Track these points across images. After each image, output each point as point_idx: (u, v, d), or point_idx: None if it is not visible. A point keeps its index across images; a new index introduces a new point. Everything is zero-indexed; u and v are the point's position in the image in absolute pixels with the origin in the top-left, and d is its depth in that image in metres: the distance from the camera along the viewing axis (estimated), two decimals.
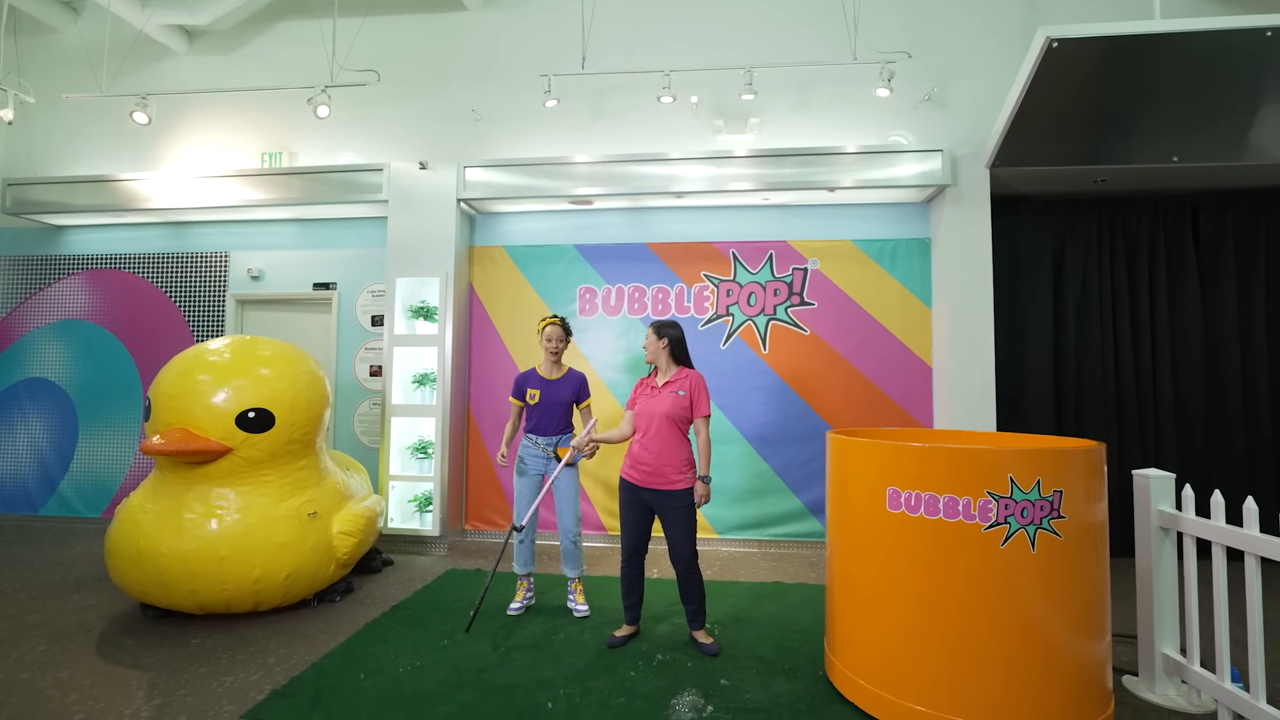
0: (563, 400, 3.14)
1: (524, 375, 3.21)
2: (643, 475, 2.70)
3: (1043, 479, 1.94)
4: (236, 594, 2.88)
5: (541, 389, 3.14)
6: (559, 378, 3.19)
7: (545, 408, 3.11)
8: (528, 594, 3.18)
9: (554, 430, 3.14)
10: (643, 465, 2.70)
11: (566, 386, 3.18)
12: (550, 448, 3.11)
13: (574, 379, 3.21)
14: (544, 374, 3.18)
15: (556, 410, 3.13)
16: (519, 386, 3.18)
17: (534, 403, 3.12)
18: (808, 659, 2.63)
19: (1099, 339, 4.34)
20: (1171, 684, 2.33)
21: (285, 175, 4.64)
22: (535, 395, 3.13)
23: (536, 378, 3.17)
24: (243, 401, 2.95)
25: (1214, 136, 3.82)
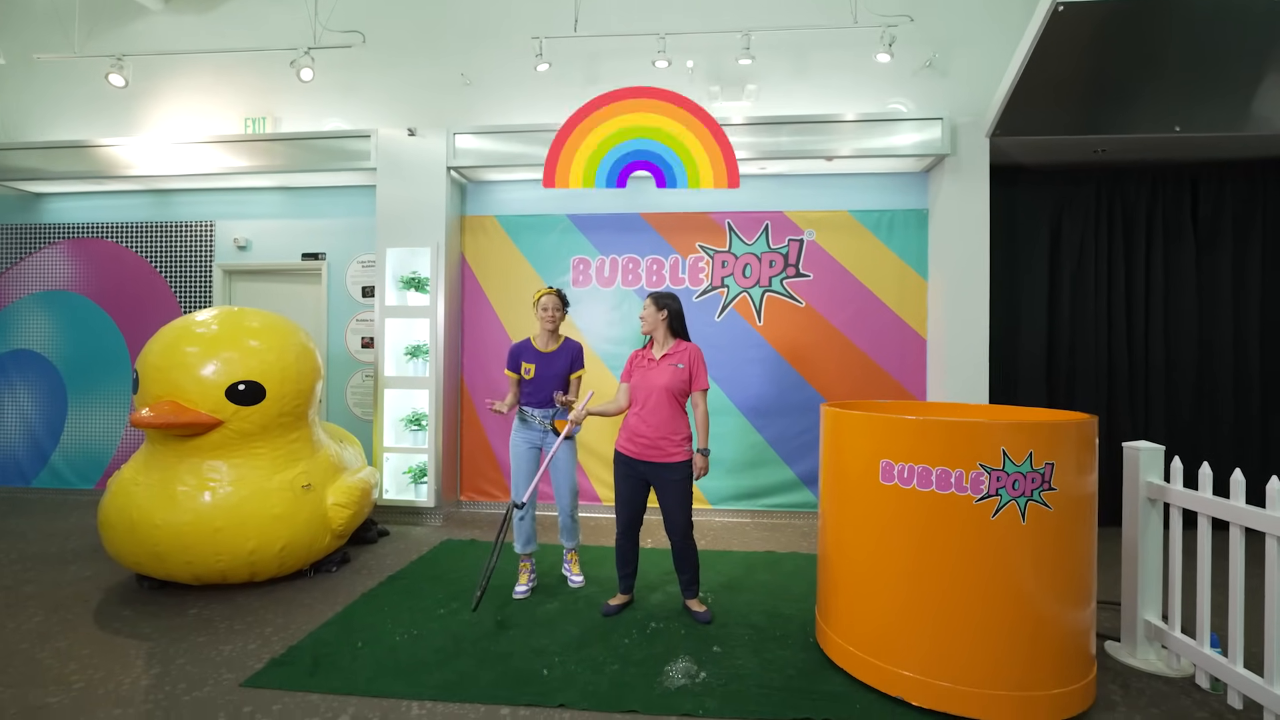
0: (559, 373, 3.07)
1: (519, 347, 3.10)
2: (640, 448, 2.70)
3: (1035, 451, 1.95)
4: (232, 565, 2.89)
5: (537, 363, 3.06)
6: (555, 349, 3.10)
7: (541, 382, 3.04)
8: (531, 575, 3.09)
9: (551, 403, 3.08)
10: (640, 438, 2.70)
11: (562, 358, 3.10)
12: (547, 420, 3.06)
13: (570, 349, 3.13)
14: (539, 346, 3.09)
15: (553, 383, 3.06)
16: (514, 359, 3.08)
17: (529, 377, 3.04)
18: (799, 627, 2.68)
19: (1093, 311, 4.34)
20: (1152, 649, 2.39)
21: (269, 141, 4.51)
22: (530, 370, 3.04)
23: (531, 350, 3.08)
24: (232, 374, 2.91)
25: (1218, 106, 3.76)
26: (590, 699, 2.13)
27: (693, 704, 2.10)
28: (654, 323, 2.77)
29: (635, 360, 2.82)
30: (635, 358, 2.83)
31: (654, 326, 2.77)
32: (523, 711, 2.07)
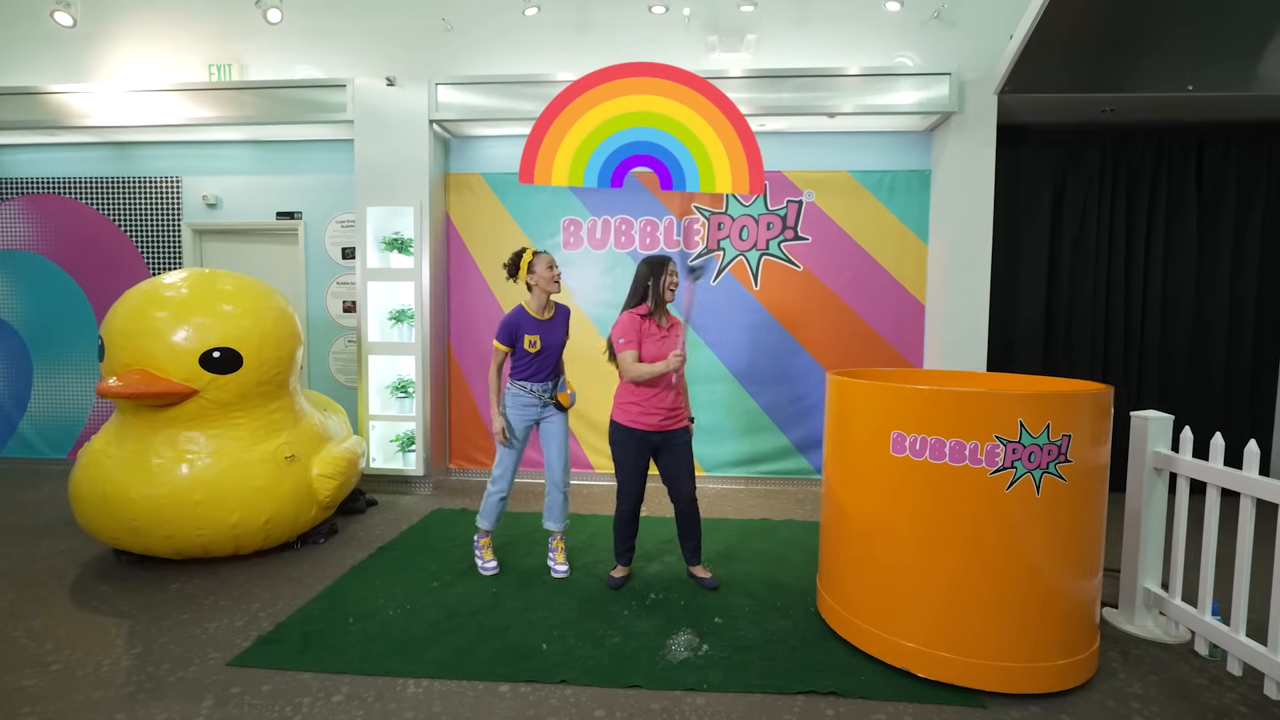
0: (560, 343, 2.83)
1: (515, 318, 2.74)
2: (661, 420, 2.63)
3: (1052, 423, 1.89)
4: (214, 539, 2.78)
5: (541, 334, 2.75)
6: (552, 317, 2.83)
7: (545, 354, 2.77)
8: (493, 550, 2.96)
9: (553, 375, 2.85)
10: (665, 409, 2.64)
11: (561, 325, 2.85)
12: (547, 394, 2.83)
13: (565, 313, 2.88)
14: (537, 314, 2.78)
15: (556, 354, 2.82)
16: (510, 331, 2.72)
17: (534, 351, 2.74)
18: (799, 596, 2.66)
19: (1093, 278, 4.29)
20: (1150, 616, 2.40)
21: (236, 90, 4.21)
22: (535, 342, 2.73)
23: (531, 320, 2.75)
24: (206, 340, 2.75)
25: (1229, 64, 3.64)
26: (592, 674, 2.09)
27: (696, 677, 2.07)
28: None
29: (643, 329, 2.64)
30: (641, 326, 2.63)
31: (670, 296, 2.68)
32: (523, 688, 2.02)
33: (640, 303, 2.66)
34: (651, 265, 2.66)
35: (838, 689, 2.00)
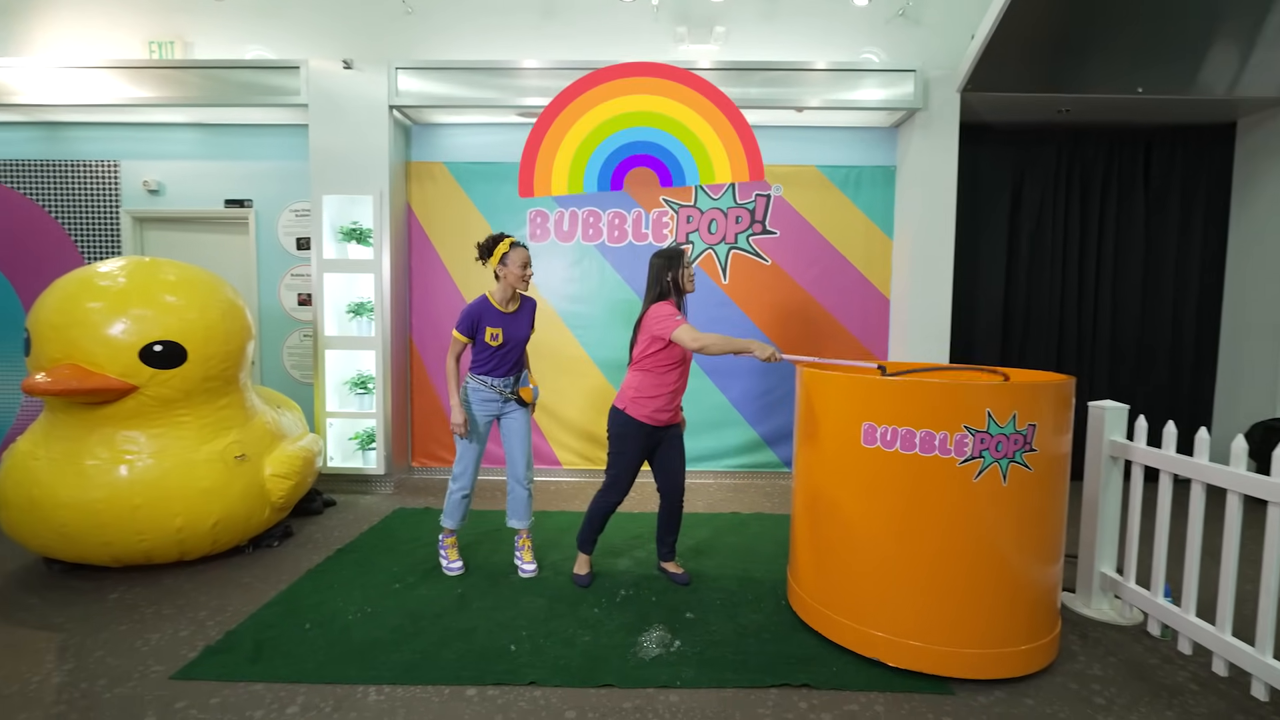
0: (523, 337, 2.74)
1: (477, 308, 2.64)
2: (671, 416, 2.60)
3: (1018, 413, 1.92)
4: (157, 544, 2.62)
5: (504, 327, 2.66)
6: (516, 310, 2.72)
7: (508, 348, 2.68)
8: (458, 550, 2.87)
9: (515, 369, 2.76)
10: (678, 405, 2.61)
11: (525, 319, 2.75)
12: (508, 389, 2.74)
13: (530, 308, 2.78)
14: (502, 306, 2.68)
15: (519, 349, 2.73)
16: (471, 322, 2.62)
17: (497, 344, 2.64)
18: (770, 589, 2.66)
19: (1048, 273, 4.43)
20: (1106, 599, 2.48)
21: (179, 70, 3.97)
22: (498, 335, 2.64)
23: (494, 312, 2.65)
24: (146, 333, 2.57)
25: (1174, 69, 3.79)
26: (562, 674, 2.03)
27: (669, 674, 2.04)
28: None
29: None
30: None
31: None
32: (491, 691, 1.95)
33: (661, 298, 2.51)
34: (668, 258, 2.52)
35: (810, 681, 2.00)
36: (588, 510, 2.69)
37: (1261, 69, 3.77)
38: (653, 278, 2.54)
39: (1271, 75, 3.81)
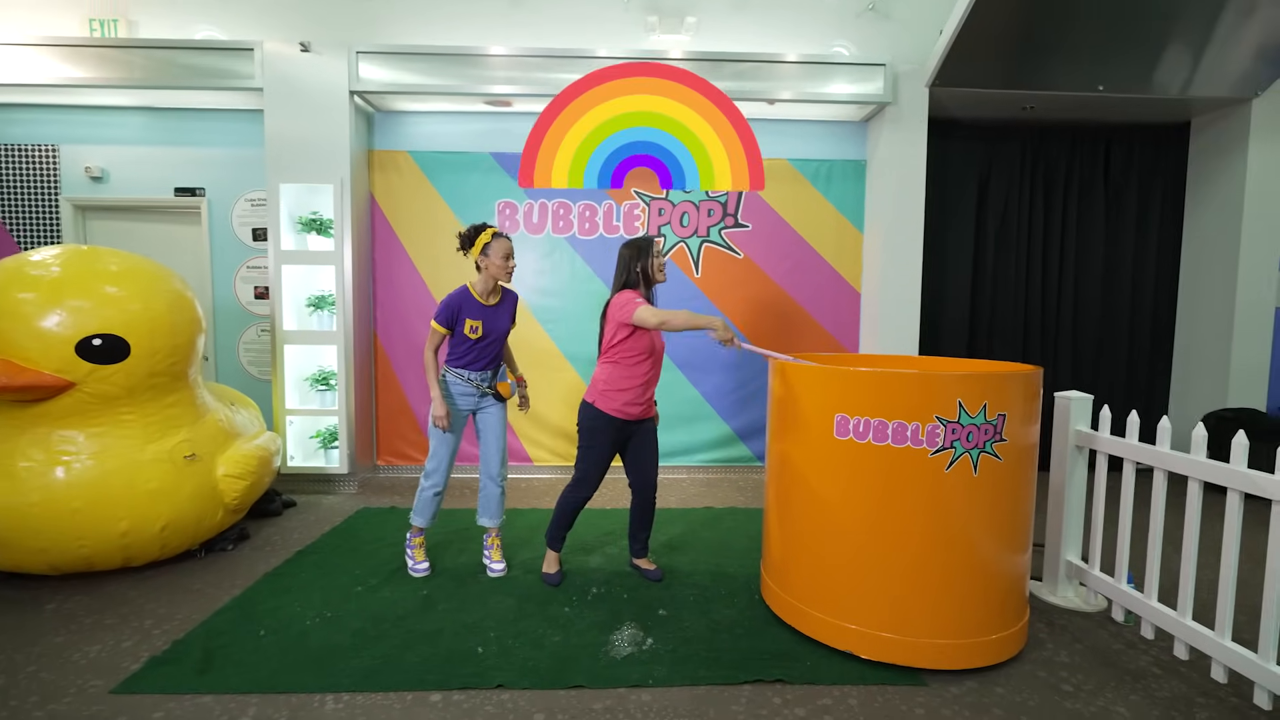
0: (505, 329, 2.65)
1: (458, 299, 2.55)
2: (643, 410, 2.52)
3: (989, 403, 1.92)
4: (100, 550, 2.47)
5: (484, 319, 2.57)
6: (498, 303, 2.64)
7: (488, 341, 2.60)
8: (425, 550, 2.78)
9: (494, 364, 2.67)
10: (649, 399, 2.54)
11: (506, 312, 2.67)
12: (485, 383, 2.65)
13: (511, 301, 2.70)
14: (483, 299, 2.60)
15: (498, 342, 2.64)
16: (451, 313, 2.53)
17: (476, 337, 2.56)
18: (743, 584, 2.63)
19: (1014, 266, 4.51)
20: (1071, 587, 2.52)
21: (122, 49, 3.76)
22: (478, 328, 2.55)
23: (475, 304, 2.57)
24: (84, 326, 2.41)
25: (1136, 68, 3.88)
26: (530, 676, 1.97)
27: (641, 673, 1.99)
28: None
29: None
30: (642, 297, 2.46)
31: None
32: (456, 696, 1.88)
33: (627, 287, 2.46)
34: (637, 248, 2.47)
35: (784, 676, 1.97)
36: (556, 506, 2.63)
37: (1213, 70, 3.88)
38: (620, 267, 2.50)
39: (1222, 76, 3.93)
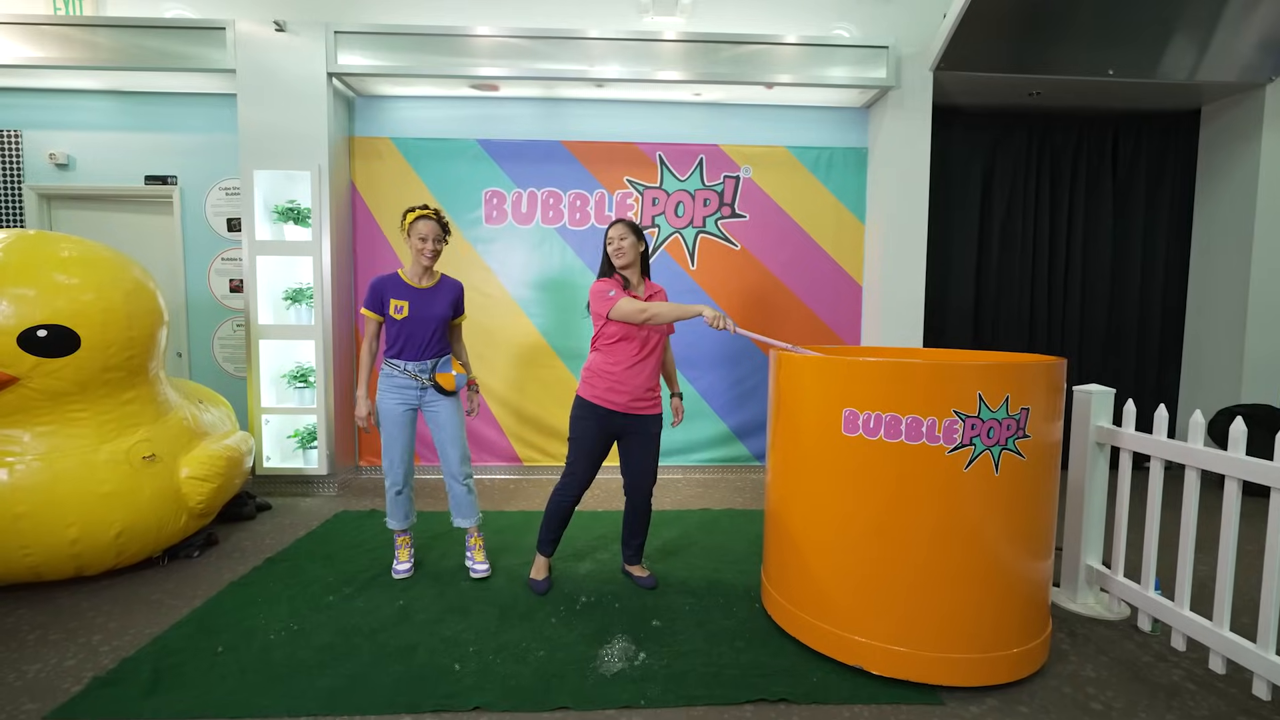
0: (438, 315, 2.48)
1: (383, 281, 2.46)
2: (631, 400, 2.31)
3: (1011, 396, 1.76)
4: (48, 559, 2.28)
5: (411, 300, 2.44)
6: (432, 286, 2.51)
7: (415, 325, 2.44)
8: (411, 550, 2.65)
9: (429, 353, 2.49)
10: (637, 388, 2.32)
11: (442, 297, 2.51)
12: (424, 374, 2.48)
13: (451, 287, 2.55)
14: (411, 280, 2.48)
15: (430, 327, 2.46)
16: (376, 295, 2.43)
17: (401, 317, 2.42)
18: (743, 591, 2.47)
19: (1019, 259, 4.36)
20: (1091, 593, 2.36)
21: (86, 27, 3.56)
22: (403, 308, 2.42)
23: (401, 285, 2.46)
24: (27, 316, 2.22)
25: (1145, 51, 3.74)
26: (512, 696, 1.80)
27: (632, 692, 1.82)
28: (633, 256, 2.33)
29: (626, 294, 2.31)
30: (624, 290, 2.33)
31: (633, 260, 2.34)
32: (428, 719, 1.71)
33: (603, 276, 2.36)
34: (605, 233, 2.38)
35: (788, 694, 1.81)
36: (545, 507, 2.46)
37: (1225, 54, 3.74)
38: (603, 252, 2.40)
39: (1235, 60, 3.79)
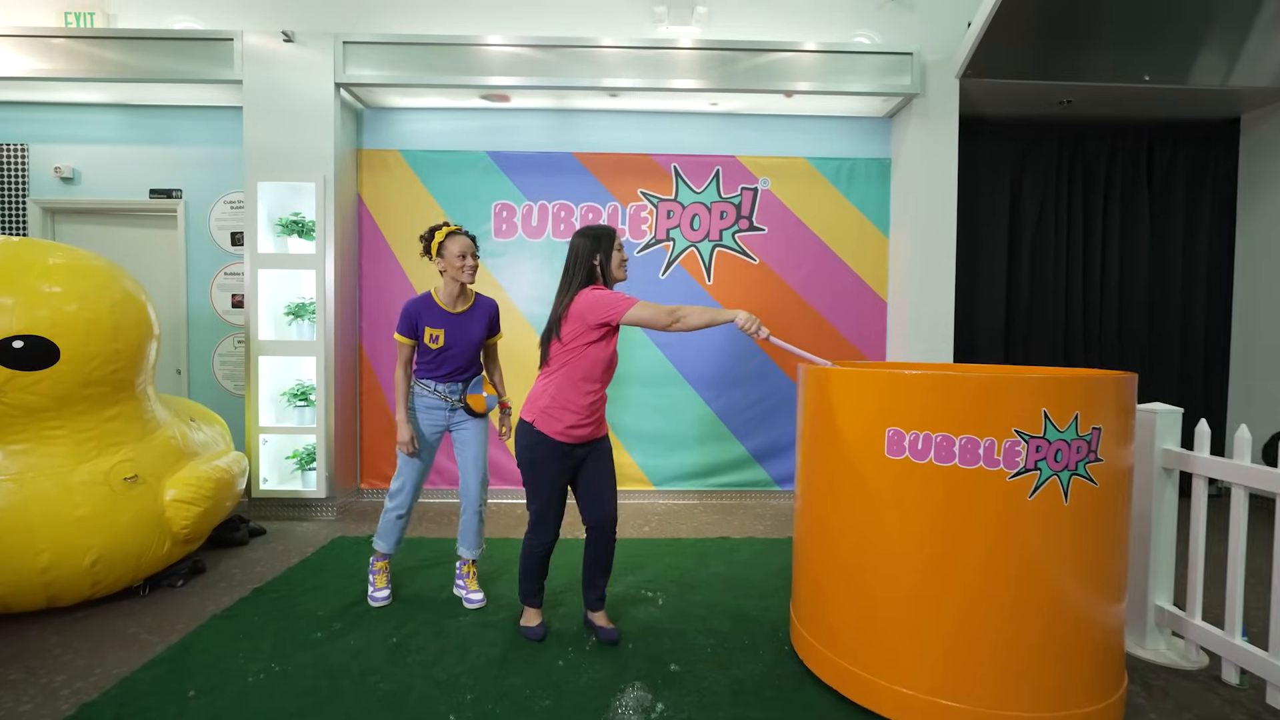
0: (475, 341, 2.36)
1: (417, 305, 2.32)
2: (593, 430, 2.09)
3: (1080, 414, 1.55)
4: (16, 588, 2.12)
5: (446, 328, 2.31)
6: (467, 310, 2.37)
7: (454, 353, 2.33)
8: (389, 576, 2.49)
9: (462, 375, 2.38)
10: (600, 416, 2.11)
11: (478, 320, 2.38)
12: (455, 395, 2.37)
13: (486, 308, 2.42)
14: (446, 305, 2.34)
15: (467, 353, 2.36)
16: (409, 320, 2.31)
17: (437, 347, 2.31)
18: (769, 630, 2.24)
19: (1051, 270, 4.16)
20: (1163, 637, 2.11)
21: (95, 40, 3.51)
22: (438, 337, 2.30)
23: (436, 310, 2.32)
24: (3, 326, 2.09)
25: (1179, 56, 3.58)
26: None
27: None
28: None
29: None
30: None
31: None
32: None
33: (589, 284, 2.05)
34: (594, 238, 2.06)
35: None
36: (520, 558, 2.18)
37: (1256, 58, 3.56)
38: (573, 260, 2.06)
39: (1266, 64, 3.61)
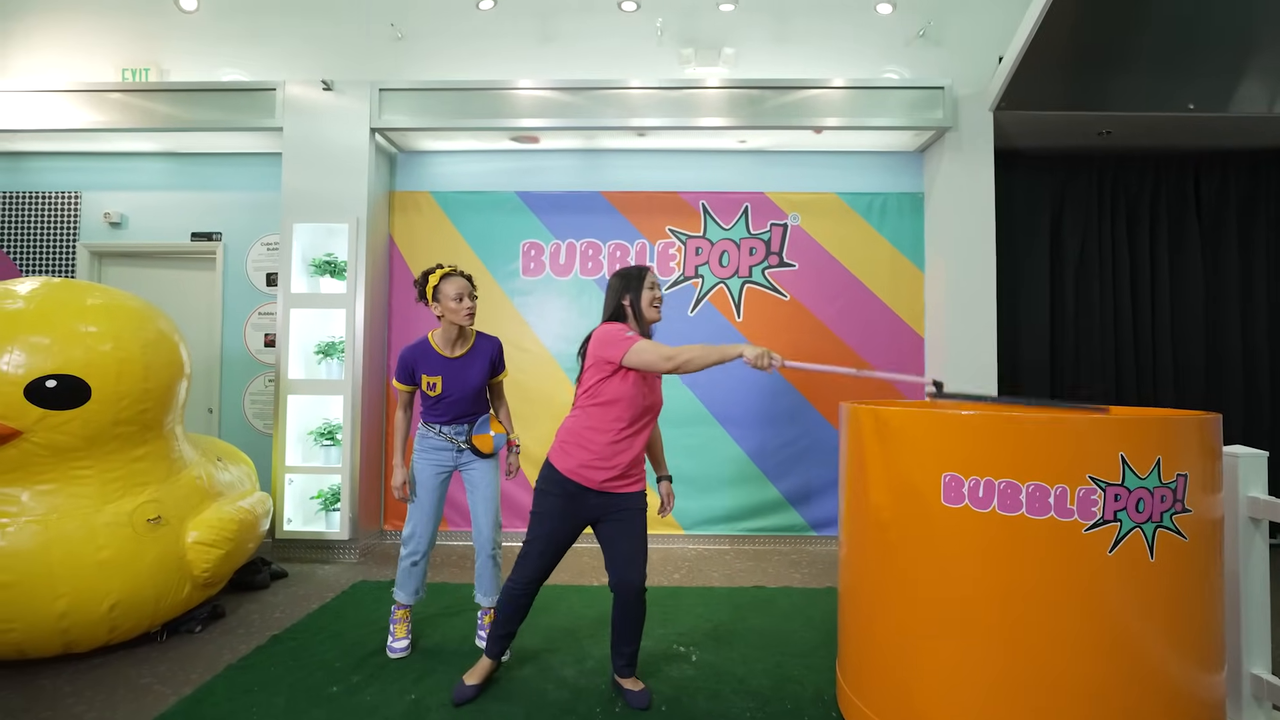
0: (473, 385, 2.28)
1: (413, 352, 2.27)
2: (609, 479, 1.91)
3: (1163, 459, 1.41)
4: (32, 635, 2.06)
5: (444, 375, 2.24)
6: (465, 353, 2.29)
7: (451, 402, 2.26)
8: (410, 626, 2.38)
9: (466, 417, 2.31)
10: (622, 465, 1.92)
11: (477, 363, 2.29)
12: (460, 437, 2.30)
13: (487, 349, 2.33)
14: (443, 350, 2.27)
15: (467, 399, 2.28)
16: (406, 368, 2.27)
17: (435, 394, 2.25)
18: (813, 692, 2.06)
19: (1098, 308, 3.98)
20: (1262, 711, 1.88)
21: (147, 92, 3.69)
22: (435, 384, 2.23)
23: (433, 357, 2.26)
24: (38, 366, 2.10)
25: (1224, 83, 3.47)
26: None
27: None
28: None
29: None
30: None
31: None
32: None
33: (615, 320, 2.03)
34: (626, 278, 2.04)
35: None
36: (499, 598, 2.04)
37: None
38: (608, 298, 2.06)
39: None
